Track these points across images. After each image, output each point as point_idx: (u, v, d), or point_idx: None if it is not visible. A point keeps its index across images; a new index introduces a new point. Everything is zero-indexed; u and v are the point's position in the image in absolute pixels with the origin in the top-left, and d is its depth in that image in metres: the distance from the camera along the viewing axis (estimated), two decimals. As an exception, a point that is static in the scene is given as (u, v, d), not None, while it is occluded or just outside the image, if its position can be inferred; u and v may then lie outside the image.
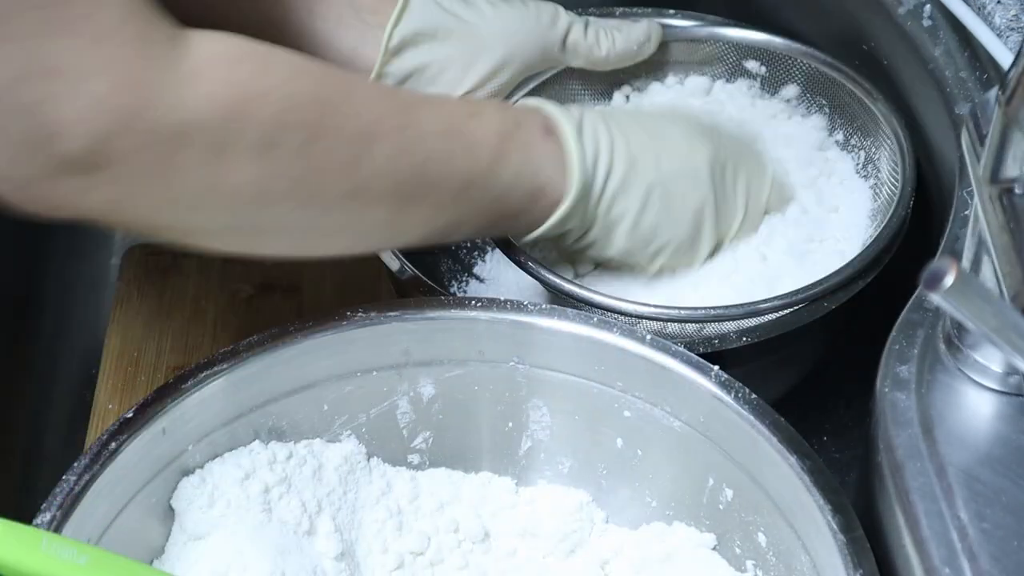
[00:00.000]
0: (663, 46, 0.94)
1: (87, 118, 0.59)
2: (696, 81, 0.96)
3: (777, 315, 0.80)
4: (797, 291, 0.80)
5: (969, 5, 0.84)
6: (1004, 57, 0.80)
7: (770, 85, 0.95)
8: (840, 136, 0.92)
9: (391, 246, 0.84)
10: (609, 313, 0.78)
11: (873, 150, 0.90)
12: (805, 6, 0.98)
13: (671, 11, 0.96)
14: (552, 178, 0.78)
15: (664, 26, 0.94)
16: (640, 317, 0.79)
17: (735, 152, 0.85)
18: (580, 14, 0.92)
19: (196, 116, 0.62)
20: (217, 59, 0.63)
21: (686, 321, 0.79)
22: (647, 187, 0.80)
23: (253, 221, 0.69)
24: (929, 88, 0.87)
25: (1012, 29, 0.81)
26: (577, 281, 0.82)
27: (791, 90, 0.94)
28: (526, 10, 0.87)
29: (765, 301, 0.80)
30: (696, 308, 0.80)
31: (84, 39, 0.58)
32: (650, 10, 0.97)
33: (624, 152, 0.79)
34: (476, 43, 0.86)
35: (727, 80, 0.96)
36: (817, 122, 0.93)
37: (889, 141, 0.88)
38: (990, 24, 0.82)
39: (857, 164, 0.91)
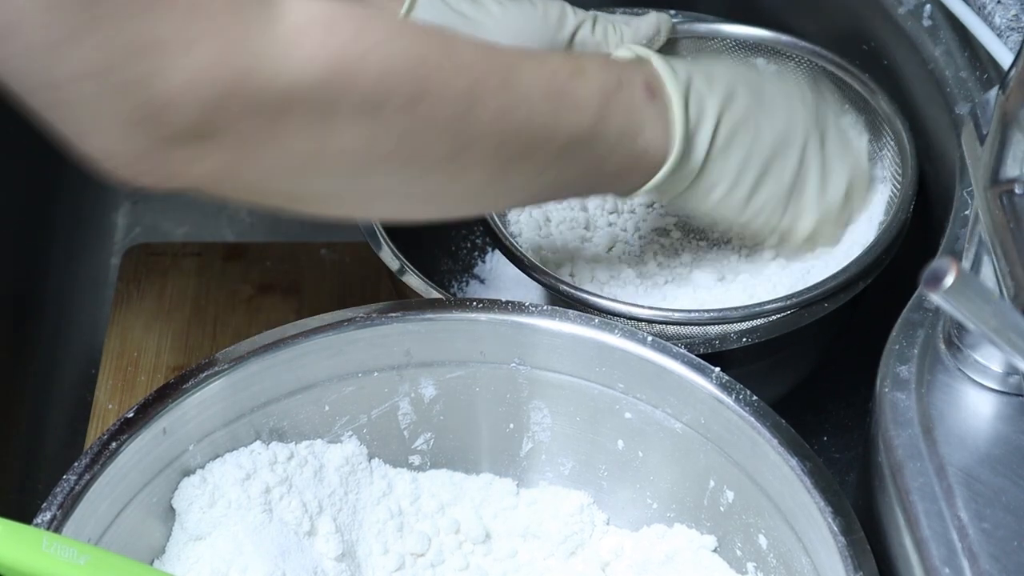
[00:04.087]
0: (668, 42, 0.94)
1: (194, 89, 0.59)
2: None
3: (777, 317, 0.80)
4: (797, 293, 0.80)
5: (969, 5, 0.84)
6: (1004, 57, 0.80)
7: None
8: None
9: (491, 209, 0.83)
10: (607, 315, 0.78)
11: (876, 151, 0.90)
12: (805, 5, 0.98)
13: (671, 11, 0.96)
14: (653, 141, 0.77)
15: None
16: (638, 319, 0.79)
17: (832, 126, 0.84)
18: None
19: (299, 80, 0.62)
20: (313, 22, 0.63)
21: (685, 324, 0.79)
22: (745, 155, 0.80)
23: (355, 186, 0.69)
24: (929, 88, 0.87)
25: (1012, 29, 0.81)
26: (573, 282, 0.82)
27: None
28: (534, 9, 0.87)
29: (765, 303, 0.80)
30: (696, 311, 0.80)
31: (179, 11, 0.58)
32: (650, 10, 0.96)
33: (727, 119, 0.79)
34: None
35: None
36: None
37: (892, 143, 0.88)
38: (990, 24, 0.82)
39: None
